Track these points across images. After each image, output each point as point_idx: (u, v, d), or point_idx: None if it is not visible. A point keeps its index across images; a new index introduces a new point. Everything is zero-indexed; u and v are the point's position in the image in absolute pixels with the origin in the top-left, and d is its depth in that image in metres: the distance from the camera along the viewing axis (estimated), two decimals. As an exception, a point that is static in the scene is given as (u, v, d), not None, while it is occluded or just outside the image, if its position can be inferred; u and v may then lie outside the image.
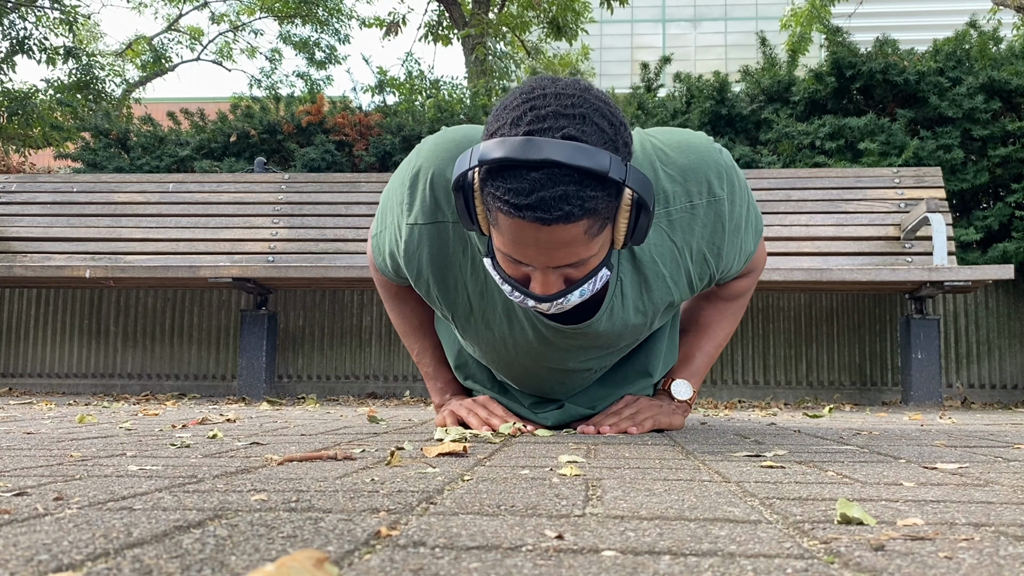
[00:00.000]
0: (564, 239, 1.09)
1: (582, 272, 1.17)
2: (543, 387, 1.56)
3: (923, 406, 3.25)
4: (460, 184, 1.13)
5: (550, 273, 1.15)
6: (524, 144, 1.04)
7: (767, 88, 4.24)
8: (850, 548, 0.54)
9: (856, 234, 3.57)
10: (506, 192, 1.06)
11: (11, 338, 4.11)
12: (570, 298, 1.19)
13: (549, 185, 1.04)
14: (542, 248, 1.10)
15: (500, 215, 1.09)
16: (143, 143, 4.67)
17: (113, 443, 1.26)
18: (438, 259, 1.34)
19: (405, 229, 1.34)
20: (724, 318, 1.64)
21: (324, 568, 0.43)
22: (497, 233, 1.13)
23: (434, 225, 1.32)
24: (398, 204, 1.35)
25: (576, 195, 1.05)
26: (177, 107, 5.23)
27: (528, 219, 1.06)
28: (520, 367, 1.49)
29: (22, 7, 9.35)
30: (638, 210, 1.12)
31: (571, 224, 1.07)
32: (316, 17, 13.62)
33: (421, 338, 1.67)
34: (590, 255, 1.14)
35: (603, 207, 1.08)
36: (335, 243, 3.83)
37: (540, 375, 1.51)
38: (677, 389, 1.62)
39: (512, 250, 1.13)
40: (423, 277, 1.37)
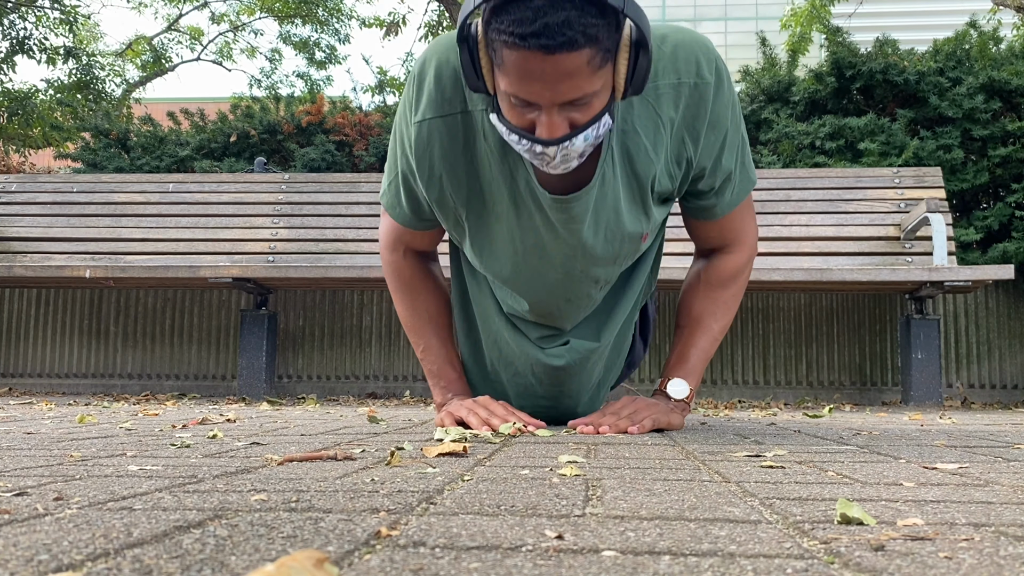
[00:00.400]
0: (568, 69, 1.13)
1: (586, 115, 1.20)
2: (550, 304, 1.55)
3: (923, 406, 3.25)
4: (464, 35, 1.18)
5: (555, 114, 1.18)
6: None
7: (767, 88, 4.24)
8: (850, 548, 0.54)
9: (856, 234, 3.57)
10: (511, 23, 1.11)
11: (11, 338, 4.11)
12: (575, 142, 1.21)
13: (552, 12, 1.09)
14: (547, 81, 1.14)
15: (505, 51, 1.14)
16: (143, 143, 4.67)
17: (113, 443, 1.26)
18: (449, 154, 1.39)
19: (414, 131, 1.39)
20: (717, 308, 1.63)
21: (324, 568, 0.43)
22: (503, 75, 1.17)
23: (442, 119, 1.37)
24: (405, 120, 1.42)
25: (578, 21, 1.10)
26: (177, 107, 5.23)
27: (533, 47, 1.10)
28: (529, 273, 1.50)
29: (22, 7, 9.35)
30: (637, 49, 1.17)
31: (575, 52, 1.11)
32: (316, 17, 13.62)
33: (428, 334, 1.66)
34: (593, 91, 1.17)
35: (604, 36, 1.13)
36: (335, 243, 3.83)
37: (548, 283, 1.51)
38: (674, 388, 1.61)
39: (518, 88, 1.16)
40: (436, 176, 1.41)
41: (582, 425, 1.53)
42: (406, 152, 1.44)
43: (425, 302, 1.65)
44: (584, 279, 1.51)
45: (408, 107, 1.41)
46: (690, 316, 1.65)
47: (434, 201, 1.46)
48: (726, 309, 1.64)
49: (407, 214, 1.55)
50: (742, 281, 1.65)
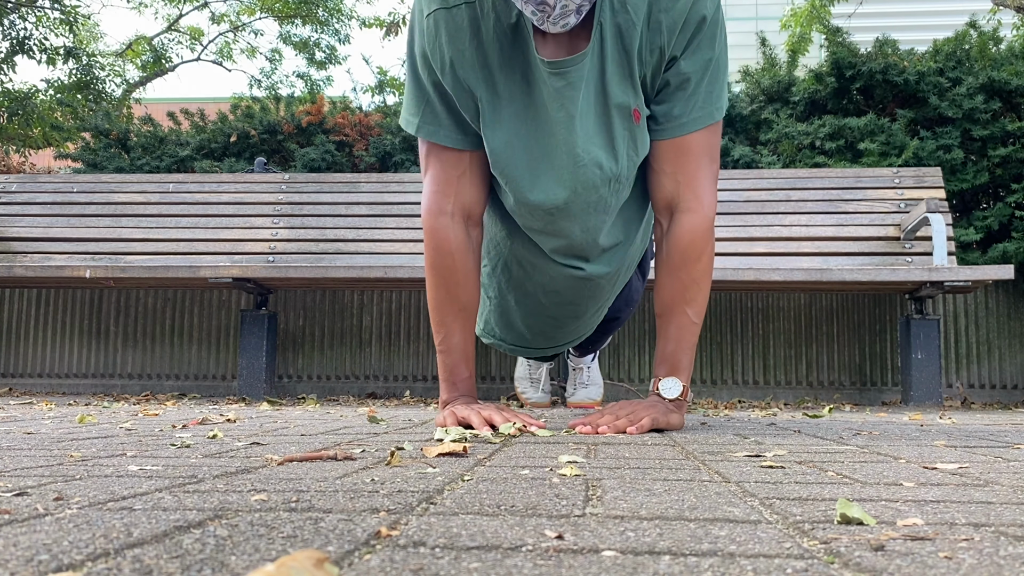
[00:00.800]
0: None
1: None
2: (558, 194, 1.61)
3: (923, 406, 3.25)
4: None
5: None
6: None
7: (767, 88, 4.24)
8: (850, 548, 0.54)
9: (856, 234, 3.57)
10: None
11: (11, 338, 4.11)
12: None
13: None
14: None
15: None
16: (143, 143, 4.67)
17: (113, 443, 1.26)
18: (455, 39, 1.49)
19: (426, 24, 1.50)
20: (687, 290, 1.61)
21: (324, 568, 0.43)
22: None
23: (446, 10, 1.47)
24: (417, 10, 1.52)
25: None
26: (177, 107, 5.23)
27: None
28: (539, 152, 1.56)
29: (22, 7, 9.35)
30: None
31: None
32: (316, 17, 13.62)
33: (455, 325, 1.66)
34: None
35: None
36: (335, 243, 3.83)
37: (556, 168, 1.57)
38: (665, 388, 1.61)
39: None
40: (446, 62, 1.51)
41: (581, 425, 1.54)
42: (423, 44, 1.52)
43: (460, 289, 1.65)
44: (590, 165, 1.56)
45: (419, 4, 1.51)
46: (663, 303, 1.64)
47: (450, 88, 1.53)
48: (697, 288, 1.61)
49: (449, 128, 1.59)
50: (707, 258, 1.62)
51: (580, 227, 1.68)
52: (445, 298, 1.65)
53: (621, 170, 1.60)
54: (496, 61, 1.50)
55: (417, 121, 1.60)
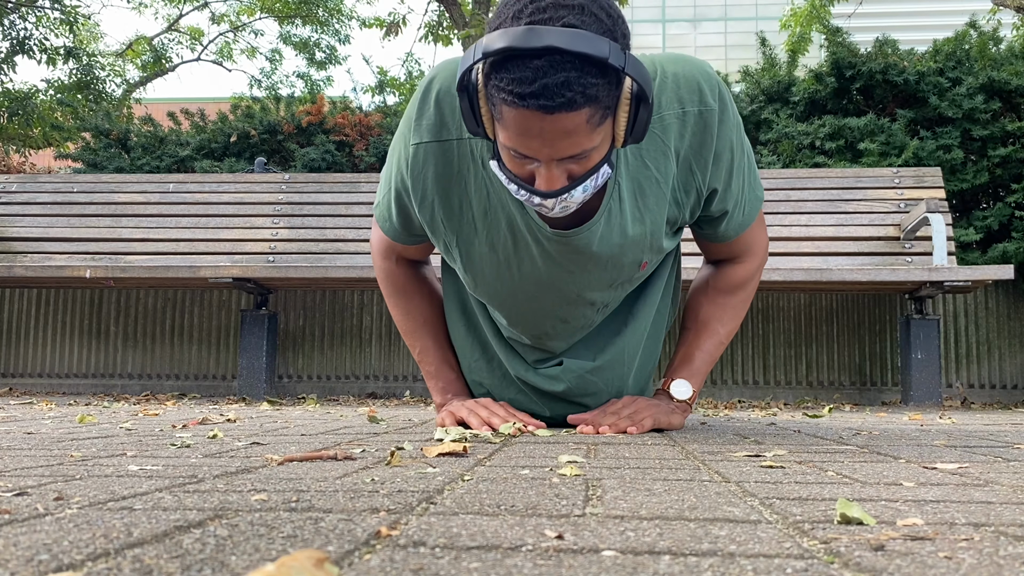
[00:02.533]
0: (567, 128, 1.11)
1: (584, 167, 1.19)
2: (545, 327, 1.54)
3: (923, 406, 3.25)
4: (464, 84, 1.16)
5: (554, 167, 1.17)
6: (526, 33, 1.07)
7: (767, 88, 4.24)
8: (850, 548, 0.54)
9: (856, 234, 3.57)
10: (510, 82, 1.08)
11: (11, 338, 4.11)
12: (574, 193, 1.21)
13: (551, 72, 1.06)
14: (546, 138, 1.13)
15: (504, 108, 1.12)
16: (143, 143, 4.67)
17: (113, 443, 1.26)
18: (443, 179, 1.38)
19: (411, 152, 1.38)
20: (724, 314, 1.63)
21: (324, 568, 0.43)
22: (502, 128, 1.16)
23: (439, 144, 1.35)
24: (404, 138, 1.40)
25: (578, 81, 1.07)
26: (177, 107, 5.23)
27: (532, 107, 1.08)
28: (525, 297, 1.48)
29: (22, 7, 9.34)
30: (638, 102, 1.15)
31: (573, 112, 1.09)
32: (316, 17, 13.62)
33: (424, 336, 1.67)
34: (592, 147, 1.16)
35: (604, 95, 1.11)
36: (335, 243, 3.83)
37: (544, 308, 1.50)
38: (677, 389, 1.62)
39: (517, 143, 1.15)
40: (428, 200, 1.40)
41: (582, 424, 1.54)
42: (402, 170, 1.43)
43: (419, 306, 1.66)
44: (580, 303, 1.51)
45: (409, 126, 1.39)
46: (697, 319, 1.65)
47: (426, 223, 1.45)
48: (734, 314, 1.64)
49: (397, 229, 1.54)
50: (751, 288, 1.65)
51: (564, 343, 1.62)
52: (405, 316, 1.66)
53: (613, 301, 1.56)
54: (484, 204, 1.39)
55: (377, 200, 1.56)
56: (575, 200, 1.22)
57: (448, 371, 1.69)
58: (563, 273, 1.44)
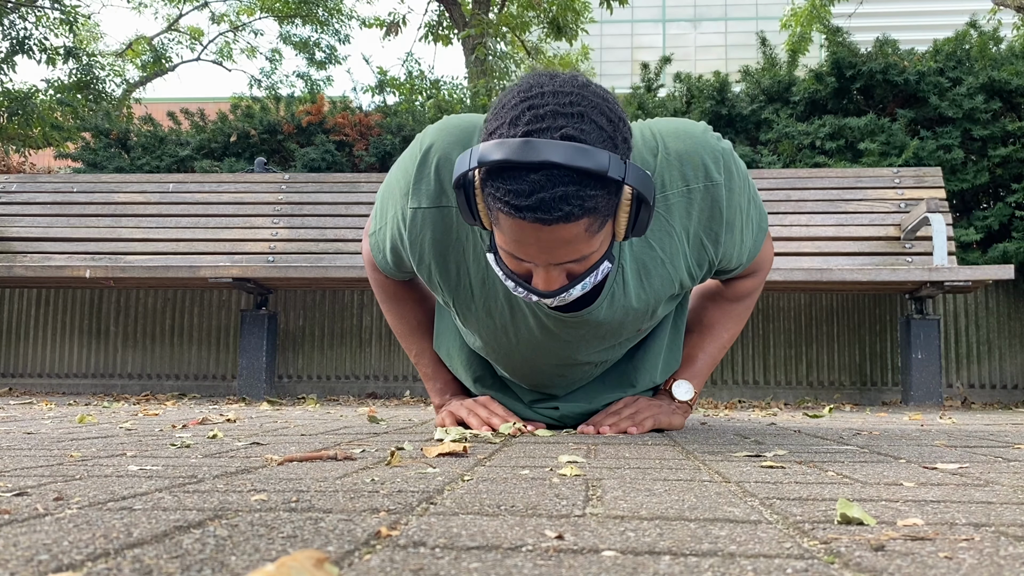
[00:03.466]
0: (565, 238, 1.10)
1: (584, 267, 1.18)
2: (543, 380, 1.55)
3: (923, 406, 3.25)
4: (461, 182, 1.13)
5: (552, 269, 1.16)
6: (523, 146, 1.04)
7: (767, 88, 4.24)
8: (850, 548, 0.54)
9: (856, 234, 3.57)
10: (506, 193, 1.06)
11: (11, 338, 4.11)
12: (572, 292, 1.20)
13: (548, 186, 1.04)
14: (543, 247, 1.11)
15: (501, 215, 1.10)
16: (143, 143, 4.67)
17: (113, 443, 1.26)
18: (441, 244, 1.35)
19: (409, 213, 1.34)
20: (728, 319, 1.64)
21: (324, 568, 0.43)
22: (499, 231, 1.14)
23: (438, 209, 1.32)
24: (401, 192, 1.35)
25: (576, 195, 1.05)
26: (177, 107, 5.23)
27: (529, 220, 1.07)
28: (520, 357, 1.49)
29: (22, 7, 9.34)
30: (638, 204, 1.13)
31: (571, 224, 1.08)
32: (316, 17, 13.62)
33: (419, 339, 1.67)
34: (591, 251, 1.15)
35: (603, 205, 1.09)
36: (335, 243, 3.83)
37: (541, 367, 1.50)
38: (678, 389, 1.62)
39: (514, 249, 1.14)
40: (425, 262, 1.37)
41: (583, 425, 1.54)
42: (399, 222, 1.38)
43: (412, 311, 1.66)
44: (578, 363, 1.51)
45: (407, 186, 1.34)
46: (701, 323, 1.65)
47: (423, 278, 1.43)
48: (738, 320, 1.65)
49: (390, 266, 1.51)
50: (757, 295, 1.66)
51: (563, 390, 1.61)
52: (400, 321, 1.66)
53: (613, 359, 1.56)
54: (483, 273, 1.36)
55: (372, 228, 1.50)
56: (573, 296, 1.21)
57: (444, 372, 1.69)
58: (561, 342, 1.43)
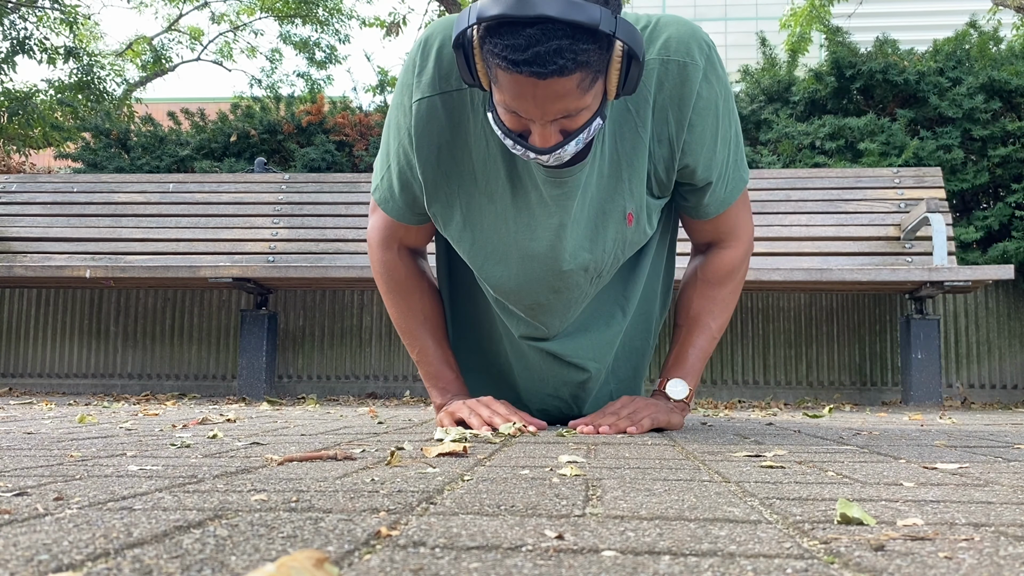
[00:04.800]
0: (559, 91, 1.16)
1: (577, 123, 1.23)
2: (539, 295, 1.53)
3: (923, 406, 3.25)
4: (460, 42, 1.20)
5: (548, 126, 1.21)
6: (519, 1, 1.10)
7: (767, 88, 4.24)
8: (850, 548, 0.54)
9: (856, 234, 3.57)
10: (503, 48, 1.12)
11: (11, 338, 4.11)
12: (567, 148, 1.25)
13: (543, 40, 1.10)
14: (539, 102, 1.17)
15: (499, 71, 1.16)
16: (143, 143, 4.67)
17: (113, 443, 1.26)
18: (446, 130, 1.40)
19: (414, 109, 1.40)
20: (715, 306, 1.63)
21: (324, 568, 0.43)
22: (497, 89, 1.21)
23: (440, 96, 1.38)
24: (402, 98, 1.42)
25: (569, 48, 1.11)
26: (177, 107, 5.23)
27: (525, 74, 1.13)
28: (519, 255, 1.48)
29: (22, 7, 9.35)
30: (628, 60, 1.19)
31: (565, 77, 1.14)
32: (316, 17, 13.62)
33: (423, 335, 1.66)
34: (584, 106, 1.20)
35: (595, 60, 1.15)
36: (335, 243, 3.83)
37: (537, 272, 1.49)
38: (673, 389, 1.62)
39: (511, 104, 1.20)
40: (432, 154, 1.42)
41: (582, 425, 1.54)
42: (403, 137, 1.44)
43: (420, 302, 1.65)
44: (576, 270, 1.50)
45: (406, 91, 1.42)
46: (688, 315, 1.65)
47: (429, 181, 1.46)
48: (724, 307, 1.64)
49: (401, 207, 1.54)
50: (739, 278, 1.65)
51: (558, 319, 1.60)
52: (407, 313, 1.65)
53: (605, 268, 1.56)
54: (484, 153, 1.41)
55: (375, 183, 1.57)
56: (568, 153, 1.26)
57: (448, 371, 1.68)
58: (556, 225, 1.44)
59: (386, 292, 1.66)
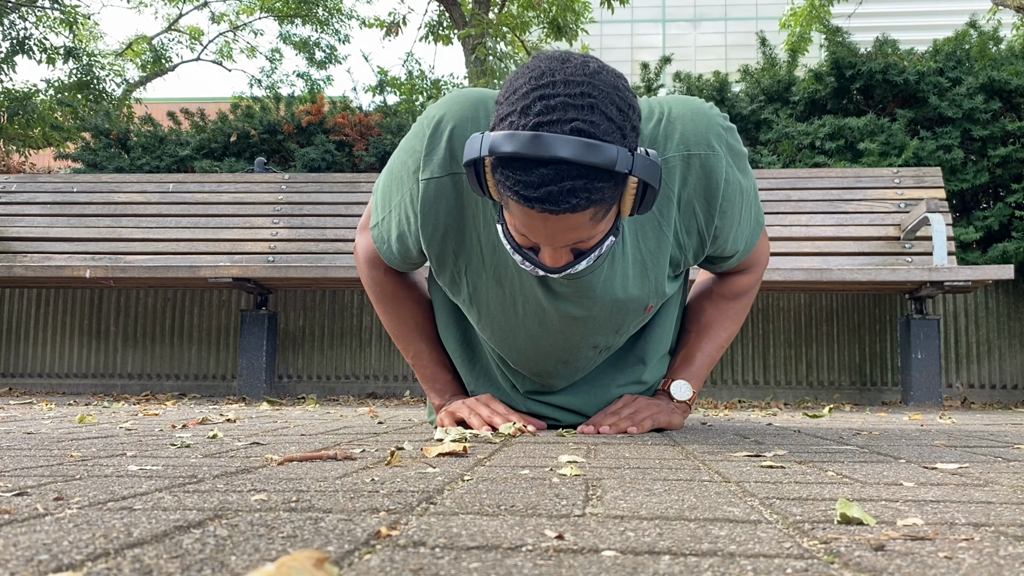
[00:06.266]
0: (571, 225, 1.14)
1: (589, 244, 1.21)
2: (547, 365, 1.53)
3: (923, 406, 3.25)
4: (472, 163, 1.16)
5: (559, 248, 1.20)
6: (533, 140, 1.07)
7: (767, 88, 4.24)
8: (850, 548, 0.54)
9: (856, 234, 3.57)
10: (515, 183, 1.09)
11: (11, 338, 4.11)
12: (578, 267, 1.24)
13: (557, 180, 1.07)
14: (550, 232, 1.15)
15: (510, 200, 1.14)
16: (143, 143, 4.67)
17: (113, 443, 1.26)
18: (455, 211, 1.37)
19: (422, 186, 1.36)
20: (726, 318, 1.64)
21: (324, 568, 0.43)
22: (507, 211, 1.18)
23: (450, 177, 1.34)
24: (411, 171, 1.37)
25: (583, 188, 1.08)
26: (177, 107, 5.23)
27: (537, 209, 1.10)
28: (527, 335, 1.47)
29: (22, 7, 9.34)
30: (644, 188, 1.15)
31: (578, 213, 1.11)
32: (316, 17, 13.63)
33: (416, 340, 1.66)
34: (596, 233, 1.19)
35: (609, 196, 1.12)
36: (335, 243, 3.83)
37: (546, 348, 1.49)
38: (677, 389, 1.62)
39: (522, 230, 1.18)
40: (438, 233, 1.39)
41: (582, 425, 1.54)
42: (407, 202, 1.40)
43: (409, 311, 1.64)
44: (583, 345, 1.50)
45: (414, 157, 1.36)
46: (699, 322, 1.65)
47: (434, 256, 1.43)
48: (735, 318, 1.65)
49: (395, 256, 1.51)
50: (753, 293, 1.66)
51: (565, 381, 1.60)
52: (397, 321, 1.65)
53: (617, 346, 1.55)
54: (490, 239, 1.38)
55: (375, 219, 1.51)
56: (578, 270, 1.24)
57: (444, 373, 1.68)
58: (568, 316, 1.43)
59: (376, 302, 1.65)
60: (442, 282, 1.49)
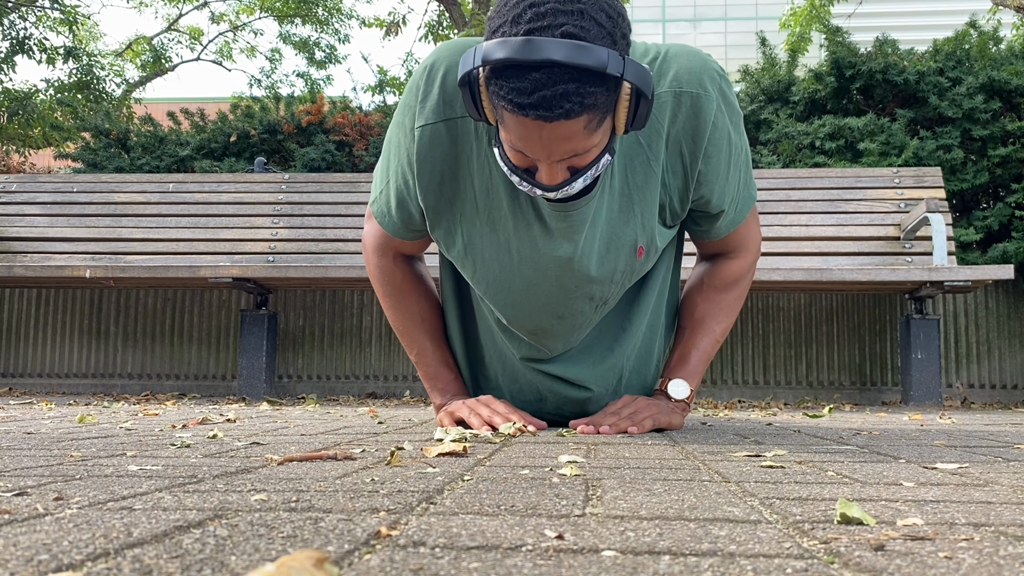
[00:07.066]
0: (566, 133, 1.14)
1: (585, 160, 1.22)
2: (543, 320, 1.52)
3: (923, 406, 3.25)
4: (466, 80, 1.17)
5: (555, 164, 1.20)
6: (524, 45, 1.09)
7: (767, 88, 4.24)
8: (850, 548, 0.54)
9: (856, 234, 3.57)
10: (509, 91, 1.11)
11: (11, 338, 4.11)
12: (574, 185, 1.23)
13: (549, 84, 1.09)
14: (545, 143, 1.16)
15: (505, 112, 1.15)
16: (143, 143, 4.67)
17: (113, 443, 1.26)
18: (449, 157, 1.39)
19: (416, 134, 1.38)
20: (719, 311, 1.63)
21: (324, 568, 0.43)
22: (503, 128, 1.19)
23: (444, 123, 1.36)
24: (407, 129, 1.40)
25: (576, 92, 1.10)
26: (177, 107, 5.23)
27: (531, 117, 1.11)
28: (522, 284, 1.47)
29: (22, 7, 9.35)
30: (637, 98, 1.16)
31: (572, 120, 1.12)
32: (316, 17, 13.62)
33: (421, 336, 1.66)
34: (592, 146, 1.19)
35: (602, 101, 1.13)
36: (335, 243, 3.83)
37: (541, 299, 1.48)
38: (674, 389, 1.61)
39: (518, 144, 1.19)
40: (434, 181, 1.41)
41: (582, 425, 1.53)
42: (403, 160, 1.43)
43: (417, 304, 1.65)
44: (578, 294, 1.49)
45: (408, 113, 1.40)
46: (692, 317, 1.65)
47: (430, 207, 1.44)
48: (729, 311, 1.64)
49: (396, 224, 1.53)
50: (745, 284, 1.65)
51: (562, 343, 1.58)
52: (403, 316, 1.65)
53: (611, 296, 1.54)
54: (488, 182, 1.39)
55: (374, 195, 1.56)
56: (575, 189, 1.24)
57: (447, 372, 1.68)
58: (562, 258, 1.42)
59: (383, 295, 1.66)
60: (437, 236, 1.50)
